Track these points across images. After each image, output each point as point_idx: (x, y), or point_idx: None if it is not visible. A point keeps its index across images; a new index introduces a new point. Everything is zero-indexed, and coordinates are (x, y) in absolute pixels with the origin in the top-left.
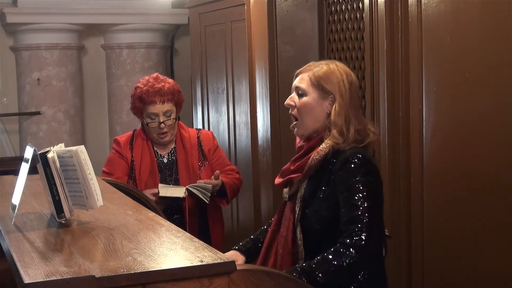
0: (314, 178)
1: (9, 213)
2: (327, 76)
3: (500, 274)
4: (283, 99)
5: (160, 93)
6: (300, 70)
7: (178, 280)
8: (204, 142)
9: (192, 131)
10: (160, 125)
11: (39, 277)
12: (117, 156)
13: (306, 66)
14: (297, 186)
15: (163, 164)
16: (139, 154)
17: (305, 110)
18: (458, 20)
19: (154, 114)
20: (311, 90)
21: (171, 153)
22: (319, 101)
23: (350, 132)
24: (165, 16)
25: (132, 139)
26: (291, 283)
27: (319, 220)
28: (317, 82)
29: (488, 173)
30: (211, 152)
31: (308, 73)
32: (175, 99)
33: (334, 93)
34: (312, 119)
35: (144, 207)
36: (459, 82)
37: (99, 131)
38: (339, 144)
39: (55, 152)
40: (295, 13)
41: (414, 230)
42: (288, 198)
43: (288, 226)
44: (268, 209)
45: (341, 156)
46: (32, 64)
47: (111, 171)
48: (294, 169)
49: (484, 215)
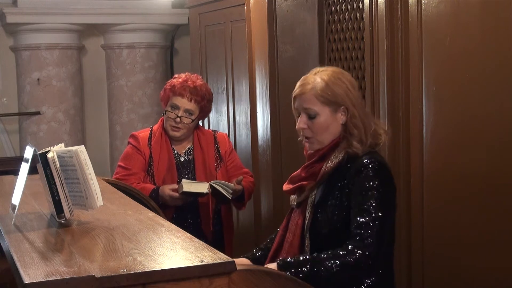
0: (327, 184)
1: (9, 213)
2: (330, 88)
3: (500, 274)
4: (283, 99)
5: (191, 91)
6: (298, 93)
7: (178, 280)
8: (221, 144)
9: (208, 132)
10: (176, 118)
11: (39, 277)
12: (135, 151)
13: (300, 86)
14: (308, 193)
15: (180, 162)
16: (157, 150)
17: (321, 130)
18: (458, 20)
19: (176, 105)
20: (322, 108)
21: (188, 152)
22: (333, 116)
23: (368, 139)
24: (165, 16)
25: (150, 136)
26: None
27: (331, 225)
28: (325, 99)
29: (488, 173)
30: (227, 154)
31: (310, 93)
32: (202, 104)
33: (345, 103)
34: (328, 135)
35: (144, 207)
36: (459, 82)
37: (99, 131)
38: (358, 153)
39: (55, 152)
40: (295, 13)
41: (414, 230)
42: (297, 205)
43: (295, 232)
44: (268, 209)
45: (357, 162)
46: (32, 64)
47: (128, 166)
48: (306, 176)
49: (484, 215)
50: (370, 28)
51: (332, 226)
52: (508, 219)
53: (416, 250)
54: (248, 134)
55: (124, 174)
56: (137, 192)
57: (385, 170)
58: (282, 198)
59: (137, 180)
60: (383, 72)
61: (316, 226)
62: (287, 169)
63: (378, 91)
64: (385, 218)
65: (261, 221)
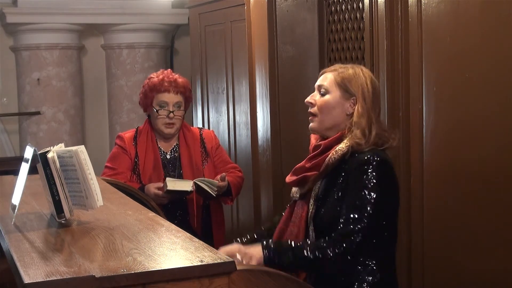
0: (330, 176)
1: (9, 213)
2: (352, 77)
3: (500, 274)
4: (283, 99)
5: (174, 84)
6: (325, 70)
7: (178, 280)
8: (207, 140)
9: (195, 130)
10: (169, 114)
11: (39, 277)
12: (121, 151)
13: (332, 66)
14: (311, 184)
15: (166, 160)
16: (143, 149)
17: (325, 109)
18: (458, 20)
19: (164, 102)
20: (334, 88)
21: (174, 150)
22: (341, 101)
23: (372, 134)
24: (165, 16)
25: (136, 136)
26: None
27: (333, 218)
28: (342, 82)
29: (488, 173)
30: (213, 150)
31: (333, 73)
32: (186, 94)
33: (357, 95)
34: (330, 118)
35: (144, 207)
36: (459, 82)
37: (99, 131)
38: (360, 145)
39: (55, 152)
40: (295, 13)
41: (414, 230)
42: (300, 197)
43: (300, 225)
44: (268, 209)
45: (359, 156)
46: (32, 64)
47: (114, 166)
48: (310, 167)
49: (484, 215)
50: (370, 28)
51: (335, 218)
52: (508, 218)
53: (416, 249)
54: (248, 134)
55: (110, 174)
56: (137, 192)
57: (385, 167)
58: (282, 197)
59: (124, 179)
60: (383, 72)
61: (320, 218)
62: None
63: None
64: (378, 218)
65: (261, 221)
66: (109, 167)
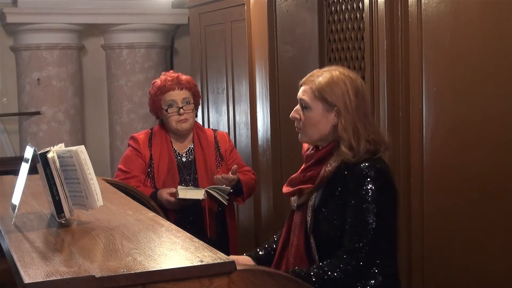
0: (327, 187)
1: (9, 213)
2: (330, 87)
3: (501, 274)
4: (283, 99)
5: (177, 81)
6: (303, 81)
7: (178, 280)
8: (221, 143)
9: (209, 131)
10: (179, 111)
11: (39, 277)
12: (134, 154)
13: (309, 75)
14: (308, 196)
15: (182, 164)
16: (158, 152)
17: (310, 124)
18: (458, 20)
19: (172, 100)
20: (315, 103)
21: (189, 152)
22: (324, 114)
23: (360, 145)
24: (165, 16)
25: (150, 137)
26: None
27: (333, 228)
28: (320, 95)
29: (488, 173)
30: (228, 153)
31: (310, 85)
32: (192, 89)
33: (338, 104)
34: (316, 132)
35: (144, 207)
36: (459, 82)
37: (99, 131)
38: (350, 160)
39: (55, 152)
40: (295, 13)
41: (414, 230)
42: (297, 208)
43: (299, 235)
44: (268, 209)
45: (355, 169)
46: (32, 64)
47: (128, 169)
48: (305, 180)
49: (484, 215)
50: (370, 28)
51: (334, 229)
52: (508, 220)
53: (416, 251)
54: (248, 134)
55: (123, 177)
56: (137, 192)
57: (383, 178)
58: (282, 198)
59: (137, 183)
60: (383, 72)
61: (319, 228)
62: (287, 169)
63: (378, 91)
64: (381, 230)
65: (261, 221)
66: (122, 170)
